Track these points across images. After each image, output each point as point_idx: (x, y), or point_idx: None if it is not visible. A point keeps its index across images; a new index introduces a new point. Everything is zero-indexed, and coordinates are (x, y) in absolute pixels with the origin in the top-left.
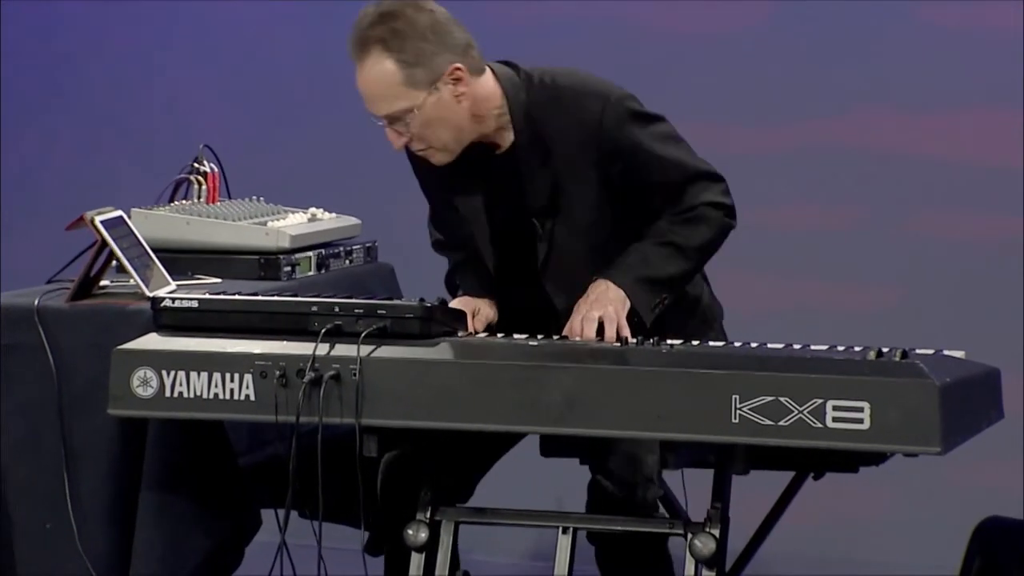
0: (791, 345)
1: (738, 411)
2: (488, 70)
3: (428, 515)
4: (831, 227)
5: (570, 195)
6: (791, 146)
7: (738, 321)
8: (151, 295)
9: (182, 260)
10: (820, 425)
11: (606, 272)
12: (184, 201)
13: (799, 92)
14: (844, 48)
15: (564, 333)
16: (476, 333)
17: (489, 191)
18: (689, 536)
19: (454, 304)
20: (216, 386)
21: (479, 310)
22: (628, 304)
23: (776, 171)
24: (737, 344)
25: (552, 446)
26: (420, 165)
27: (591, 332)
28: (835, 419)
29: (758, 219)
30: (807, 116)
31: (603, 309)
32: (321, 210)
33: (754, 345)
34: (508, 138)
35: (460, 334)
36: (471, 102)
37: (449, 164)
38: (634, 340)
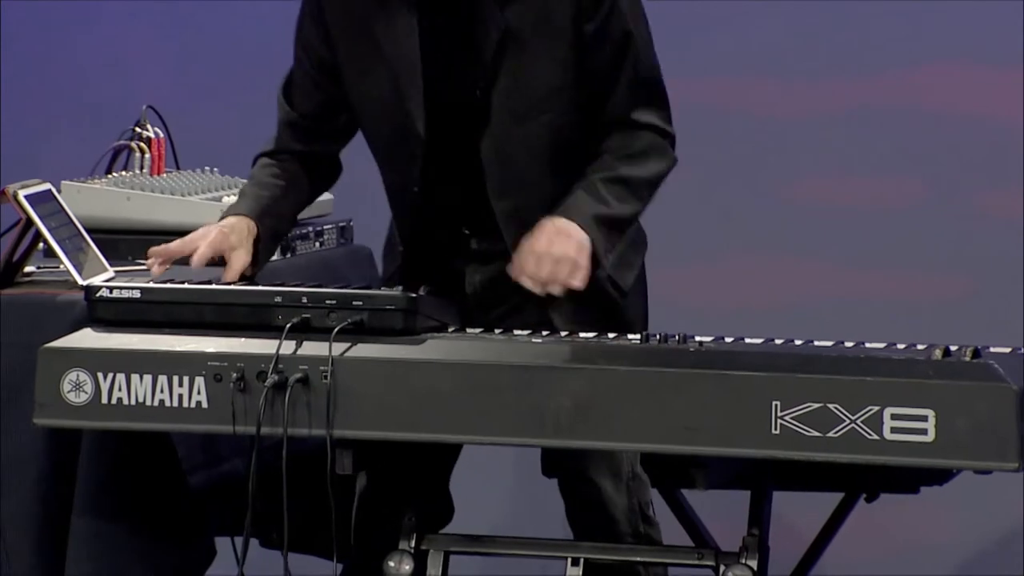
0: (841, 343)
1: (779, 420)
2: None
3: (413, 544)
4: (890, 203)
5: (530, 47)
6: (843, 107)
7: (779, 314)
8: (85, 283)
9: (122, 242)
10: (876, 437)
11: (559, 211)
12: (124, 172)
13: (850, 44)
14: None
15: (511, 272)
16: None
17: (427, 35)
18: (722, 568)
19: (204, 231)
20: (162, 391)
21: (231, 252)
22: (590, 247)
23: (826, 137)
24: (778, 342)
25: (557, 462)
26: None
27: (544, 273)
28: (894, 430)
29: (803, 194)
30: (860, 72)
31: (563, 249)
32: None
33: (798, 343)
34: None
35: (451, 330)
36: None
37: None
38: (656, 336)
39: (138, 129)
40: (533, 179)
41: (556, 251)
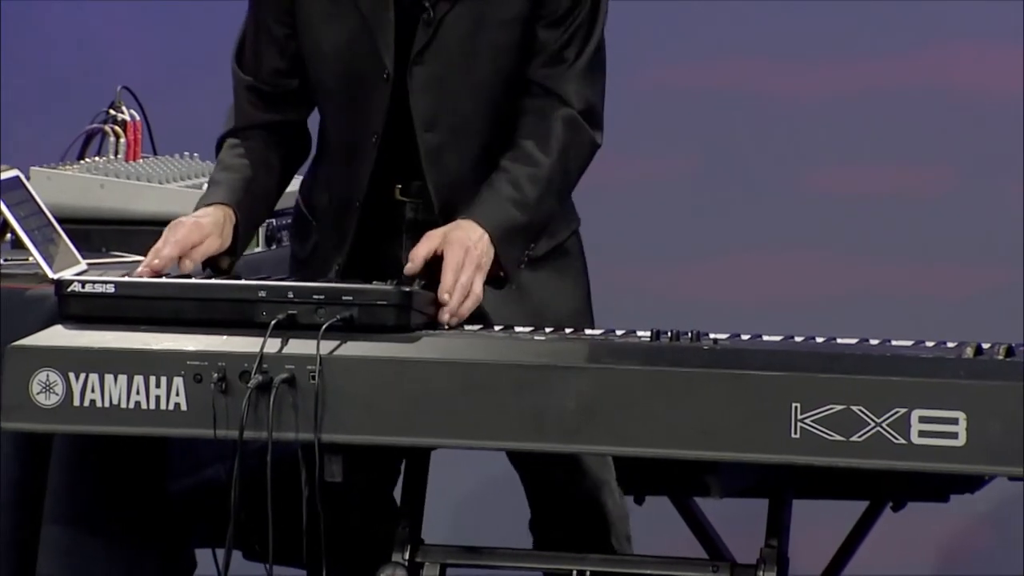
0: (866, 340)
1: (799, 423)
2: None
3: (407, 556)
4: (913, 191)
5: None
6: (856, 89)
7: (799, 311)
8: (56, 277)
9: (95, 232)
10: (903, 441)
11: (474, 211)
12: (97, 158)
13: (868, 21)
14: None
15: (406, 269)
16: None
17: None
18: None
19: (178, 224)
20: (138, 393)
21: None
22: (491, 259)
23: (840, 121)
24: (798, 339)
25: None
26: None
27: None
28: (922, 433)
29: (818, 183)
30: (882, 51)
31: (470, 279)
32: None
33: (819, 340)
34: None
35: (447, 326)
36: None
37: None
38: (667, 333)
39: (112, 111)
40: (465, 113)
41: (464, 280)
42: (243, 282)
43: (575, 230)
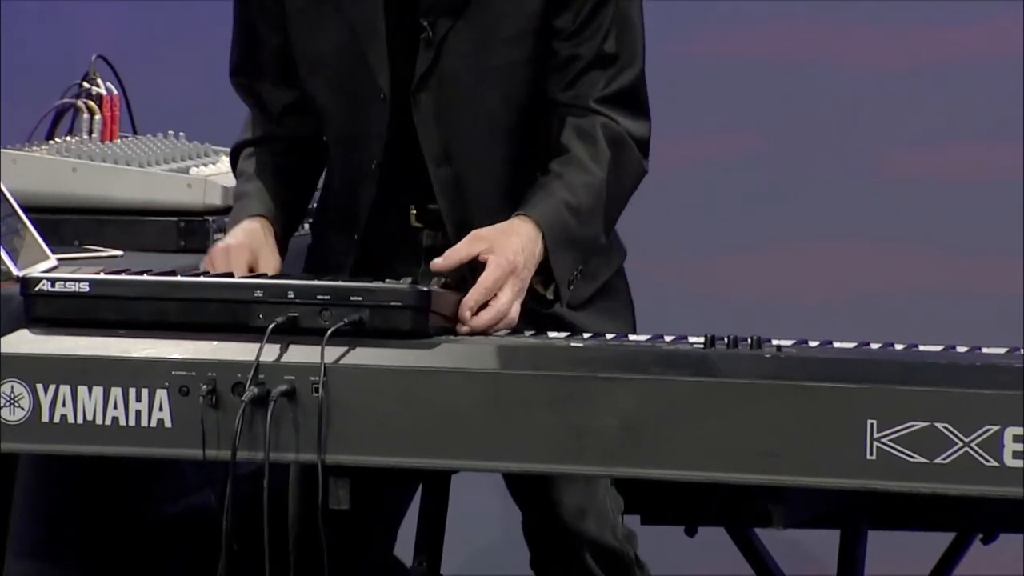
0: (952, 347)
1: (875, 443)
2: None
3: None
4: (999, 175)
5: None
6: (948, 57)
7: (874, 311)
8: (21, 274)
9: (67, 223)
10: (995, 463)
11: (528, 209)
12: (69, 138)
13: None
14: None
15: (433, 265)
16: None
17: None
18: None
19: (226, 242)
20: (116, 407)
21: (255, 258)
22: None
23: (925, 95)
24: (875, 346)
25: None
26: None
27: (481, 321)
28: (1016, 454)
29: (889, 164)
30: (972, 13)
31: (508, 300)
32: None
33: (899, 348)
34: None
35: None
36: None
37: None
38: (724, 339)
39: (86, 84)
40: (479, 144)
41: (503, 303)
42: (236, 280)
43: (620, 266)
